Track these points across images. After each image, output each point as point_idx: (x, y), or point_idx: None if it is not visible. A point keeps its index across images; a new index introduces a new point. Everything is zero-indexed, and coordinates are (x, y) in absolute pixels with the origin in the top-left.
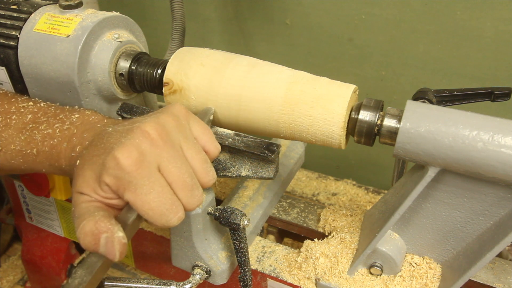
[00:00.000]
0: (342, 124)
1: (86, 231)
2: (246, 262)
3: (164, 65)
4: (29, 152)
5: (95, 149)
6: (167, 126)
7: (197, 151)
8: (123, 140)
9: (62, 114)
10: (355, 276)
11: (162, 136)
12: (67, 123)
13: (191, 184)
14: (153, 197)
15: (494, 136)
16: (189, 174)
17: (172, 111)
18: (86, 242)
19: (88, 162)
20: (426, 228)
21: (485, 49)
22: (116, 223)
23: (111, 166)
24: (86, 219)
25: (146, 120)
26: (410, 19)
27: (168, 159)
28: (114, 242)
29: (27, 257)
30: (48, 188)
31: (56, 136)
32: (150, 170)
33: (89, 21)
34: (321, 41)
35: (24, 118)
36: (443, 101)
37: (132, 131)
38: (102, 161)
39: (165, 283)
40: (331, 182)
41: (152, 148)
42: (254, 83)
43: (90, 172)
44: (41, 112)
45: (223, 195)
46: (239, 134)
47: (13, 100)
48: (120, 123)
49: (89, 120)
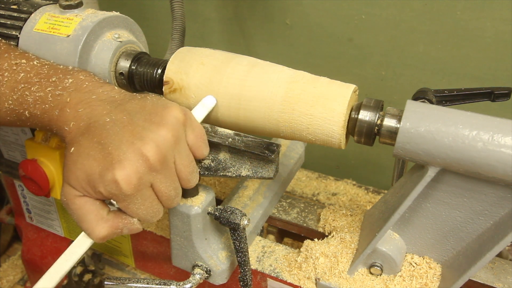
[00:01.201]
0: (342, 123)
1: (103, 236)
2: (246, 262)
3: (164, 65)
4: (22, 112)
5: (92, 144)
6: (166, 146)
7: (187, 164)
8: (122, 157)
9: (55, 76)
10: (355, 276)
11: (160, 160)
12: (59, 87)
13: (174, 195)
14: (142, 210)
15: (494, 136)
16: (175, 188)
17: (172, 122)
18: (104, 241)
19: (82, 157)
20: (426, 228)
21: (485, 49)
22: (126, 215)
23: (109, 184)
24: (98, 225)
25: (145, 138)
26: (410, 19)
27: (160, 180)
28: (134, 227)
29: (27, 257)
30: (48, 188)
31: (48, 101)
32: (143, 190)
33: (89, 21)
34: (321, 41)
35: (17, 76)
36: (443, 101)
37: (132, 146)
38: (99, 171)
39: (165, 283)
40: (331, 182)
41: (149, 171)
42: (254, 82)
43: (83, 174)
44: (34, 72)
45: (223, 195)
46: (239, 134)
47: (6, 56)
48: (116, 106)
49: (83, 87)
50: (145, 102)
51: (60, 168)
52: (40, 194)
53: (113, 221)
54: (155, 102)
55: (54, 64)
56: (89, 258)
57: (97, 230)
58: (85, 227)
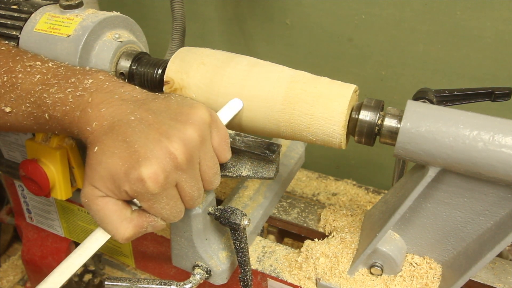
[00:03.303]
0: (343, 123)
1: (128, 237)
2: (246, 262)
3: (165, 65)
4: (40, 115)
5: (117, 143)
6: (192, 146)
7: (211, 166)
8: (149, 154)
9: (74, 77)
10: (356, 276)
11: (187, 159)
12: (80, 88)
13: (197, 196)
14: (166, 210)
15: (494, 136)
16: (198, 189)
17: (198, 122)
18: (129, 241)
19: (106, 156)
20: (426, 228)
21: (485, 49)
22: (149, 214)
23: (135, 183)
24: (122, 226)
25: (173, 136)
26: (410, 19)
27: (186, 180)
28: (158, 224)
29: (27, 257)
30: (48, 188)
31: (68, 102)
32: (169, 189)
33: (89, 21)
34: (321, 41)
35: (32, 77)
36: (443, 101)
37: (159, 144)
38: (124, 169)
39: (165, 283)
40: (331, 182)
41: (176, 170)
42: (254, 82)
43: (108, 173)
44: (51, 73)
45: (223, 195)
46: (240, 134)
47: (18, 58)
48: (140, 105)
49: (103, 87)
50: (170, 102)
51: (60, 168)
52: (40, 194)
53: (137, 220)
54: (180, 101)
55: (70, 66)
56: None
57: (121, 230)
58: (109, 228)
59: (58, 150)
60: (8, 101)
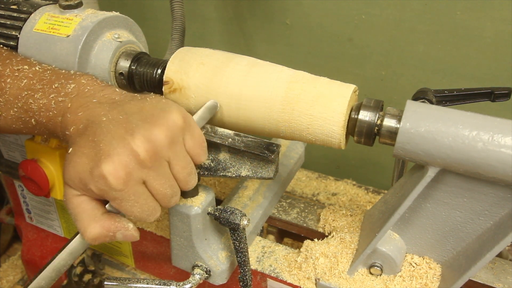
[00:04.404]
0: (342, 123)
1: (93, 237)
2: (246, 262)
3: (164, 65)
4: (28, 120)
5: (86, 143)
6: (158, 144)
7: (184, 166)
8: (111, 152)
9: (57, 82)
10: (355, 276)
11: (150, 156)
12: (62, 94)
13: (171, 194)
14: (137, 208)
15: (494, 136)
16: (171, 186)
17: (168, 124)
18: (96, 242)
19: (76, 156)
20: (426, 228)
21: (485, 49)
22: (121, 217)
23: (98, 180)
24: (90, 225)
25: (137, 133)
26: (410, 19)
27: (153, 177)
28: (129, 233)
29: (27, 257)
30: (48, 188)
31: (51, 108)
32: (135, 187)
33: (89, 21)
34: (321, 41)
35: (19, 82)
36: (443, 101)
37: (123, 141)
38: (89, 168)
39: (165, 283)
40: (331, 182)
41: (139, 167)
42: (254, 82)
43: (76, 173)
44: (37, 78)
45: (223, 195)
46: (239, 134)
47: (8, 62)
48: (115, 107)
49: (84, 92)
50: (144, 104)
51: (60, 168)
52: (40, 194)
53: (105, 221)
54: (154, 104)
55: (56, 69)
56: (89, 258)
57: (88, 229)
58: (79, 226)
59: (57, 150)
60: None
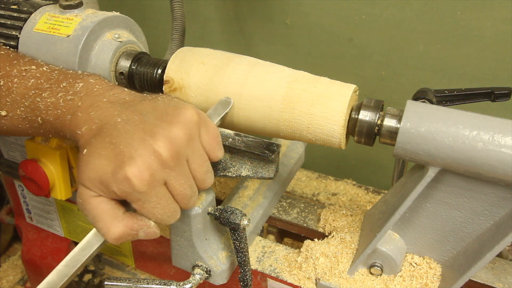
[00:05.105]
0: (343, 122)
1: (117, 236)
2: (246, 262)
3: (164, 65)
4: (34, 119)
5: (104, 145)
6: (178, 143)
7: (201, 164)
8: (134, 154)
9: (65, 81)
10: (355, 276)
11: (172, 156)
12: (70, 92)
13: (190, 194)
14: (158, 210)
15: (494, 136)
16: (190, 186)
17: (185, 121)
18: (119, 242)
19: (94, 157)
20: (426, 228)
21: (485, 49)
22: (142, 216)
23: (122, 182)
24: (113, 225)
25: (157, 134)
26: (410, 19)
27: (174, 178)
28: (151, 230)
29: (27, 257)
30: (48, 188)
31: (59, 106)
32: (157, 188)
33: (89, 21)
34: (321, 41)
35: (27, 82)
36: (443, 101)
37: (144, 142)
38: (111, 170)
39: (165, 283)
40: (331, 182)
41: (162, 168)
42: (254, 82)
43: (96, 174)
44: (44, 78)
45: (223, 195)
46: (239, 134)
47: (15, 63)
48: (127, 107)
49: (93, 91)
50: (157, 103)
51: (60, 168)
52: (40, 194)
53: (128, 220)
54: (167, 102)
55: (63, 70)
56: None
57: (111, 229)
58: (100, 227)
59: (57, 150)
60: (4, 105)
